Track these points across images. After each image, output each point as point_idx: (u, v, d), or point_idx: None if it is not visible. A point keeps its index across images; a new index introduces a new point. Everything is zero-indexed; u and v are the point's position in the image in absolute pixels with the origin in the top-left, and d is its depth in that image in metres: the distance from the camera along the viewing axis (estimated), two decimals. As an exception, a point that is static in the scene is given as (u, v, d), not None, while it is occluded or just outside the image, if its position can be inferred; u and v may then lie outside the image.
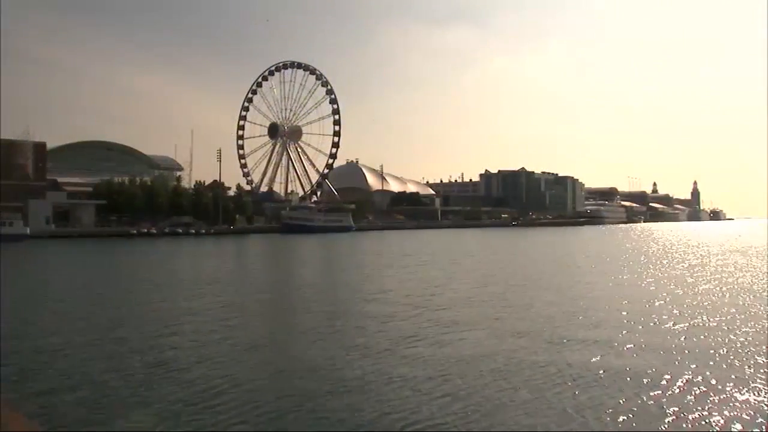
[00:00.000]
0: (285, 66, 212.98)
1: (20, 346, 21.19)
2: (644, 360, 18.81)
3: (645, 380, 16.47)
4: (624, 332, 23.36)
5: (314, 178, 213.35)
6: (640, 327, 24.59)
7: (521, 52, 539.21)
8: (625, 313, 27.92)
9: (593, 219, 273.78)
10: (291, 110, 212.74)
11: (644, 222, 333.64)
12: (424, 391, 15.54)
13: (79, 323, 26.13)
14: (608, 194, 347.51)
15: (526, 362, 18.57)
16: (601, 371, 17.39)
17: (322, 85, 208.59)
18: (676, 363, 18.39)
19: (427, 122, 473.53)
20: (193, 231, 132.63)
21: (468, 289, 37.68)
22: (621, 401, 14.76)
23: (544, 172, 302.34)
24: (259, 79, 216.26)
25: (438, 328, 24.47)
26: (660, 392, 15.48)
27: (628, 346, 20.89)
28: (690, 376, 16.92)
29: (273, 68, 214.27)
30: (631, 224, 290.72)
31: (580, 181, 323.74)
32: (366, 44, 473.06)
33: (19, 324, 25.82)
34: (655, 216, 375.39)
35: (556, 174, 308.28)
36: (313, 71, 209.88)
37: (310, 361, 19.02)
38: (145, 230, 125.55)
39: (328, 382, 16.48)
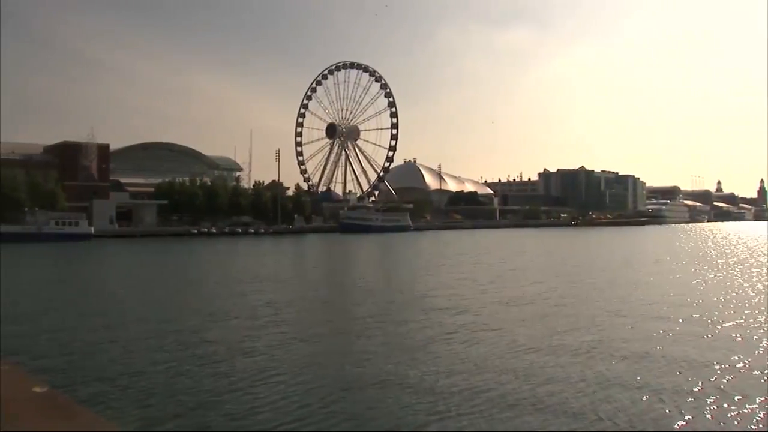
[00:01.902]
0: (338, 68, 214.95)
1: (73, 338, 22.13)
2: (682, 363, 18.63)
3: (683, 380, 16.41)
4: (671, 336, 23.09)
5: (372, 177, 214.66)
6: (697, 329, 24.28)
7: (580, 52, 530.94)
8: (677, 315, 27.53)
9: (655, 218, 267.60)
10: (348, 110, 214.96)
11: (708, 221, 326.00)
12: (462, 387, 15.72)
13: (136, 317, 26.96)
14: (670, 193, 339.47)
15: (566, 361, 18.64)
16: (637, 373, 17.34)
17: (376, 81, 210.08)
18: (716, 367, 18.15)
19: (486, 121, 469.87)
20: (252, 230, 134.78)
21: (519, 288, 37.53)
22: (652, 401, 14.70)
23: (604, 171, 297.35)
24: (314, 84, 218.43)
25: (480, 325, 24.59)
26: (692, 395, 15.38)
27: (671, 348, 20.69)
28: (725, 379, 16.76)
29: (326, 72, 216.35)
30: (694, 224, 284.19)
31: (641, 179, 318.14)
32: (425, 44, 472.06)
33: (77, 317, 26.92)
34: (720, 215, 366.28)
35: (617, 173, 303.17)
36: (366, 68, 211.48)
37: (351, 356, 19.53)
38: (206, 230, 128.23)
39: (364, 376, 16.82)
